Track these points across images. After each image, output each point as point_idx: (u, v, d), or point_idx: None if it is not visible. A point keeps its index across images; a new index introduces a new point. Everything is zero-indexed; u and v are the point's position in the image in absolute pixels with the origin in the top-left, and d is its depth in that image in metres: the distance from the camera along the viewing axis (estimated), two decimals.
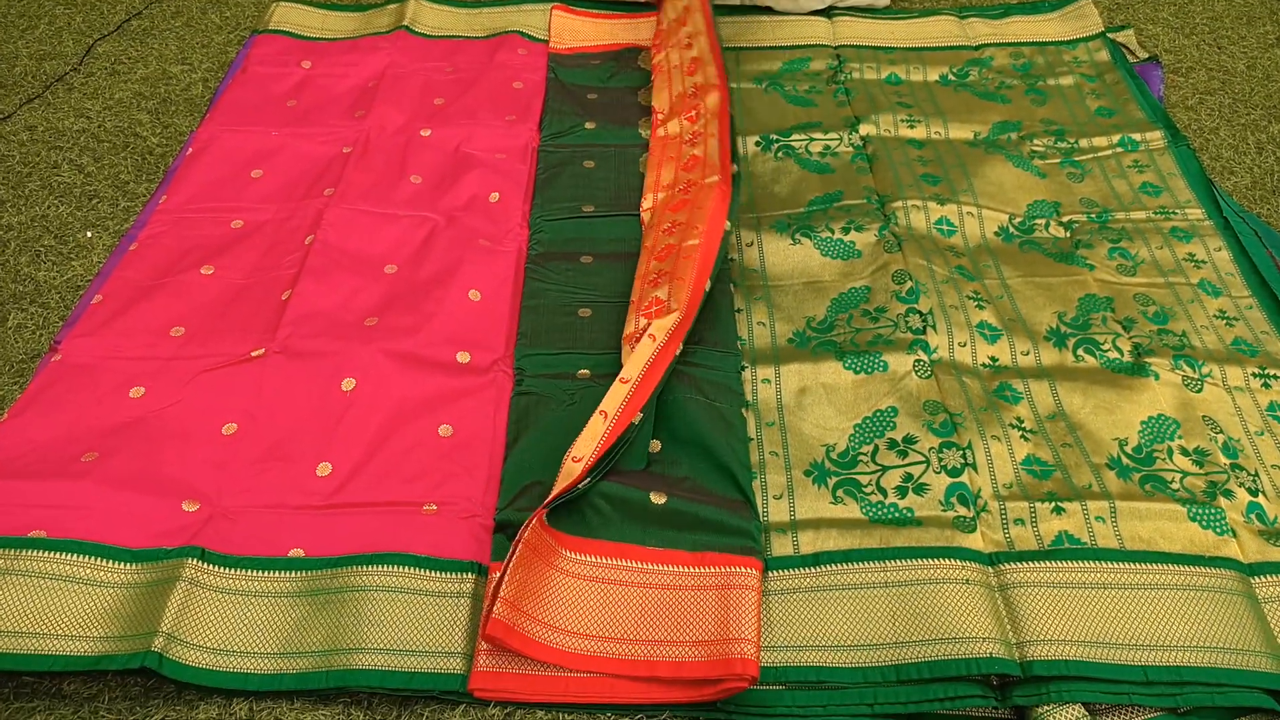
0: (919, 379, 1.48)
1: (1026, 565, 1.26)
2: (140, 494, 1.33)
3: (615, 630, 1.19)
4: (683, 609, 1.21)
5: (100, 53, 2.26)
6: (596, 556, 1.26)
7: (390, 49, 2.19)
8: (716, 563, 1.25)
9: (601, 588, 1.23)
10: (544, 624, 1.17)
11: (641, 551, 1.27)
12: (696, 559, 1.26)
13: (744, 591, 1.21)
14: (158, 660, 1.15)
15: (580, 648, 1.17)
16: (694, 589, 1.23)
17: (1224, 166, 1.95)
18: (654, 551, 1.27)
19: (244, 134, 1.96)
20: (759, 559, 1.26)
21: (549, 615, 1.18)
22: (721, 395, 1.46)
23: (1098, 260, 1.70)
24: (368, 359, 1.51)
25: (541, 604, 1.18)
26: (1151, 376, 1.49)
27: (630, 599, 1.22)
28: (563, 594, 1.21)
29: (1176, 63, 2.23)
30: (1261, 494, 1.35)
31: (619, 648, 1.18)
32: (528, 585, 1.18)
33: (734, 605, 1.20)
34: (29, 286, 1.69)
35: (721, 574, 1.24)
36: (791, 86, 2.13)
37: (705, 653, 1.16)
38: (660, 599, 1.22)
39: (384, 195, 1.82)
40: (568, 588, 1.22)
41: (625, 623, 1.20)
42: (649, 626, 1.20)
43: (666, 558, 1.26)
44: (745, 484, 1.34)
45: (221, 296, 1.63)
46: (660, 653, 1.17)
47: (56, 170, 1.93)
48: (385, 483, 1.37)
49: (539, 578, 1.20)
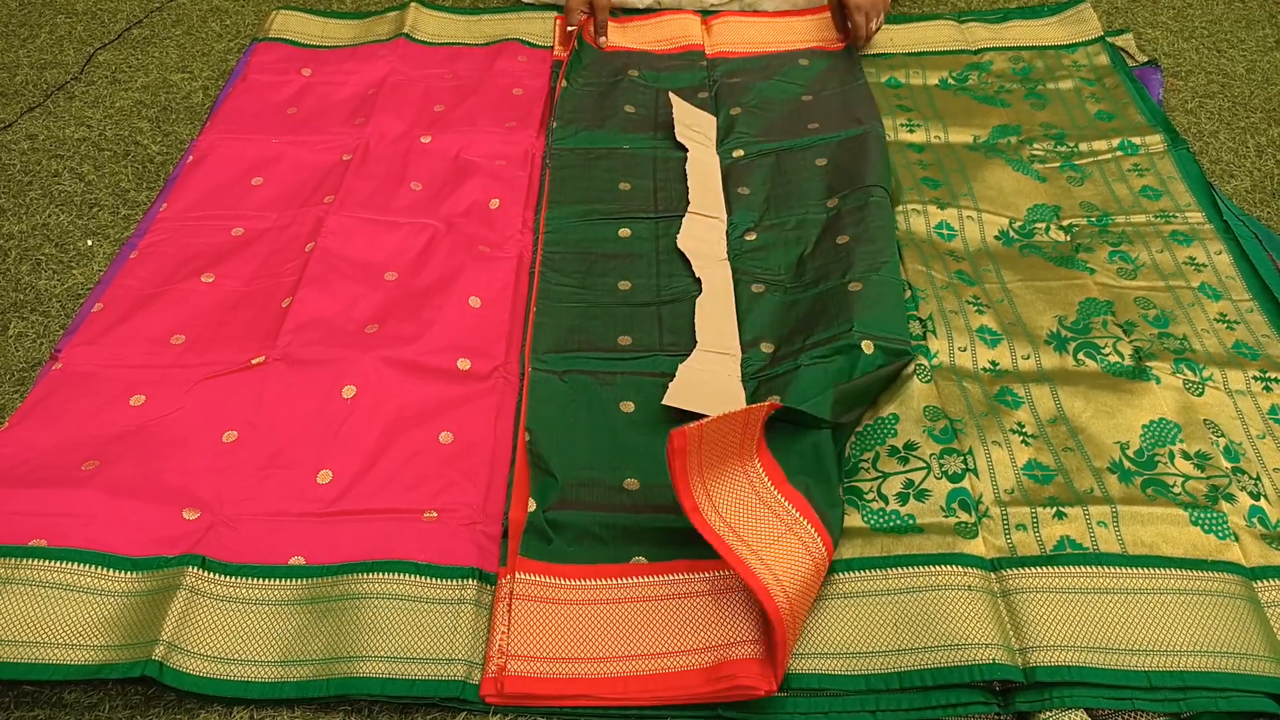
0: (920, 383, 1.48)
1: (1029, 570, 1.26)
2: (141, 502, 1.33)
3: (622, 649, 1.18)
4: (680, 618, 1.20)
5: (101, 61, 2.26)
6: (588, 580, 1.25)
7: (390, 56, 2.19)
8: (709, 568, 1.25)
9: (597, 608, 1.22)
10: (551, 659, 1.17)
11: (631, 568, 1.27)
12: (690, 566, 1.25)
13: (737, 593, 1.21)
14: (158, 669, 1.15)
15: (591, 672, 1.16)
16: (688, 596, 1.23)
17: (1224, 170, 1.95)
18: (643, 566, 1.27)
19: (244, 142, 1.96)
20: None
21: (555, 649, 1.18)
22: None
23: (1098, 264, 1.70)
24: (368, 366, 1.51)
25: (545, 642, 1.18)
26: (1152, 380, 1.48)
27: (628, 614, 1.22)
28: (564, 624, 1.20)
29: (1176, 66, 2.24)
30: (1263, 498, 1.35)
31: (628, 666, 1.17)
32: (527, 631, 1.19)
33: (728, 608, 1.19)
34: (29, 295, 1.69)
35: (714, 578, 1.24)
36: None
37: (708, 659, 1.15)
38: (658, 610, 1.22)
39: (384, 202, 1.82)
40: (567, 616, 1.21)
41: (629, 640, 1.19)
42: (651, 640, 1.19)
43: (659, 569, 1.26)
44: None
45: (222, 304, 1.63)
46: (665, 664, 1.16)
47: (57, 179, 1.93)
48: (386, 490, 1.37)
49: (537, 619, 1.20)
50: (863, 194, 1.76)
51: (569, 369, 1.53)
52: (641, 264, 1.73)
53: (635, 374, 1.53)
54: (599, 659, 1.17)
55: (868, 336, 1.47)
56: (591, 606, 1.22)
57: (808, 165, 1.89)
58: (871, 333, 1.48)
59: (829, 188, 1.83)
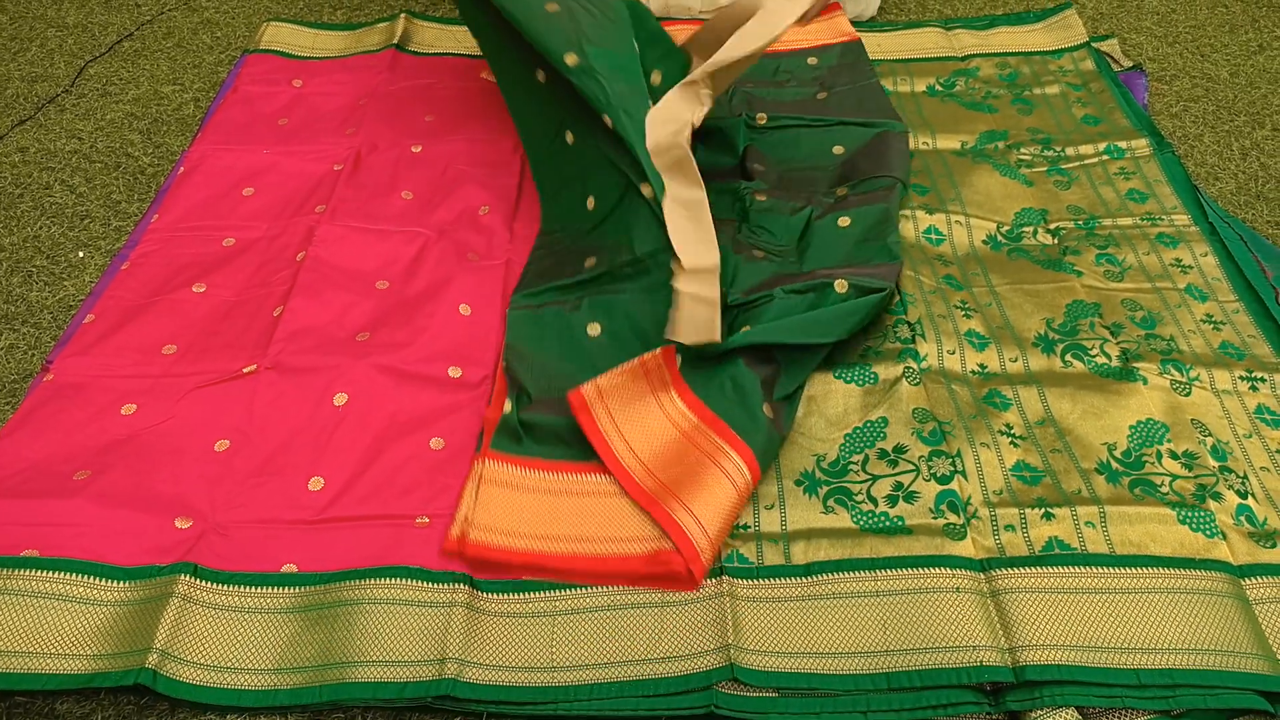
0: (909, 386, 1.49)
1: (1017, 571, 1.26)
2: (133, 511, 1.33)
3: (574, 532, 1.31)
4: (627, 512, 1.33)
5: (92, 74, 2.27)
6: (549, 473, 1.38)
7: (381, 67, 2.20)
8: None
9: (555, 498, 1.35)
10: (509, 533, 1.31)
11: (588, 466, 1.38)
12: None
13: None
14: (151, 677, 1.15)
15: (543, 547, 1.29)
16: (619, 493, 1.35)
17: (1209, 172, 1.96)
18: (599, 466, 1.37)
19: (235, 152, 1.97)
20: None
21: (514, 526, 1.31)
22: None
23: (1085, 266, 1.71)
24: (359, 374, 1.51)
25: (505, 518, 1.32)
26: (1140, 381, 1.49)
27: (582, 506, 1.34)
28: (524, 507, 1.33)
29: (1160, 71, 2.26)
30: (1251, 496, 1.36)
31: (577, 546, 1.29)
32: (491, 508, 1.32)
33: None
34: (21, 307, 1.70)
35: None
36: None
37: (648, 547, 1.28)
38: (609, 504, 1.34)
39: (375, 211, 1.83)
40: (528, 501, 1.34)
41: (580, 525, 1.31)
42: (600, 527, 1.31)
43: (594, 467, 1.38)
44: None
45: (213, 314, 1.63)
46: (610, 549, 1.29)
47: (48, 191, 1.94)
48: (378, 496, 1.37)
49: (501, 499, 1.34)
50: (873, 182, 1.79)
51: (543, 303, 1.61)
52: (603, 174, 1.69)
53: (600, 294, 1.60)
54: (552, 537, 1.30)
55: (843, 278, 1.53)
56: (550, 496, 1.35)
57: (825, 151, 1.91)
58: (850, 277, 1.54)
59: (842, 176, 1.85)
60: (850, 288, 1.52)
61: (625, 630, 1.23)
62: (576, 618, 1.24)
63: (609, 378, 1.38)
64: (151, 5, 2.51)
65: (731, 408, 1.39)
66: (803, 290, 1.53)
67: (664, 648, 1.21)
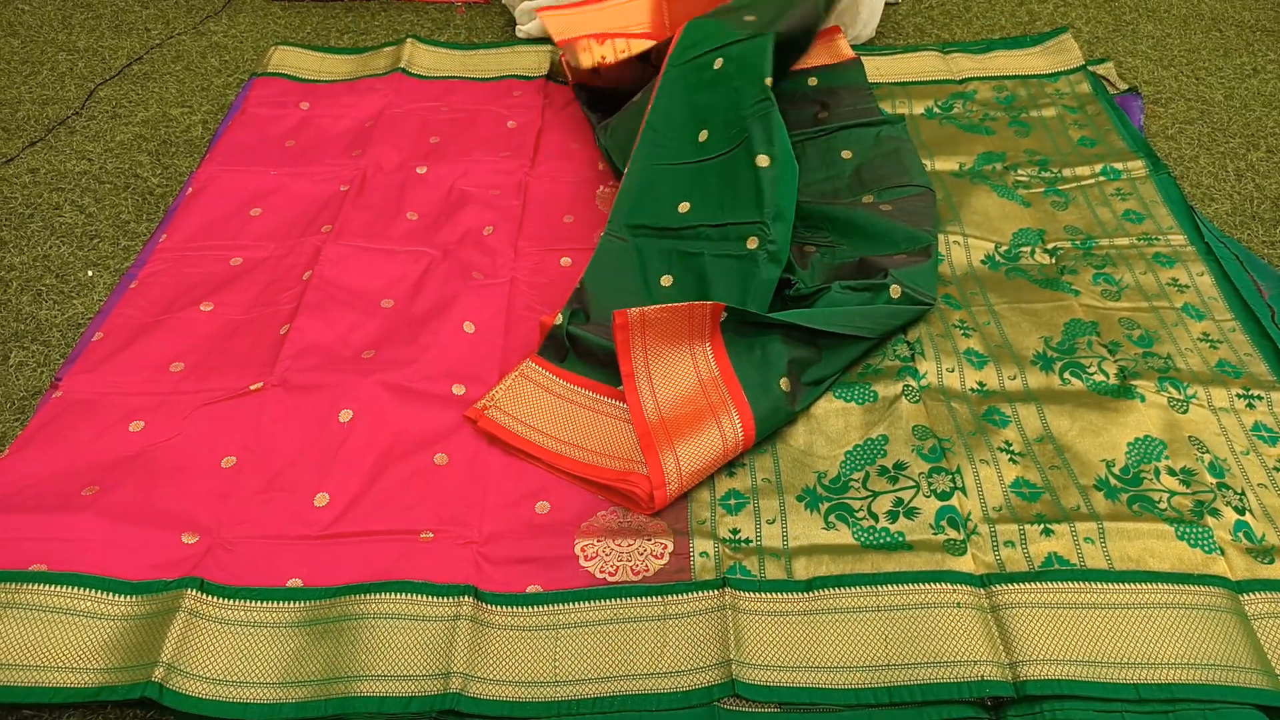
0: (909, 403, 1.50)
1: (1017, 586, 1.27)
2: (140, 526, 1.35)
3: (576, 440, 1.48)
4: (624, 433, 1.48)
5: (102, 97, 2.30)
6: (579, 388, 1.56)
7: (387, 90, 2.24)
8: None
9: (572, 407, 1.53)
10: (523, 423, 1.50)
11: (612, 391, 1.54)
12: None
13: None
14: (158, 690, 1.16)
15: (544, 443, 1.48)
16: (625, 419, 1.50)
17: (1204, 194, 1.99)
18: (619, 392, 1.53)
19: (243, 174, 1.99)
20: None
21: (530, 419, 1.51)
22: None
23: (1083, 286, 1.73)
24: (365, 391, 1.53)
25: (525, 410, 1.52)
26: (1137, 398, 1.51)
27: (593, 419, 1.51)
28: (546, 407, 1.53)
29: (1156, 93, 2.28)
30: (1248, 512, 1.37)
31: (571, 450, 1.47)
32: (518, 398, 1.53)
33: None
34: (30, 325, 1.71)
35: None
36: None
37: (624, 467, 1.42)
38: (611, 424, 1.50)
39: (381, 231, 1.85)
40: (550, 403, 1.53)
41: (583, 435, 1.49)
42: (596, 440, 1.48)
43: (616, 394, 1.53)
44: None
45: (220, 332, 1.65)
46: (596, 460, 1.45)
47: (58, 211, 1.96)
48: (383, 511, 1.39)
49: (529, 395, 1.54)
50: (902, 189, 1.86)
51: (632, 238, 1.75)
52: (728, 114, 1.80)
53: (682, 248, 1.72)
54: (554, 437, 1.49)
55: (899, 284, 1.61)
56: (569, 405, 1.54)
57: (835, 159, 1.97)
58: (904, 283, 1.62)
59: (860, 182, 1.90)
60: (903, 294, 1.61)
61: (627, 644, 1.24)
62: (579, 631, 1.25)
63: (657, 310, 1.50)
64: (161, 29, 2.55)
65: (751, 373, 1.50)
66: (858, 289, 1.62)
67: (666, 662, 1.22)
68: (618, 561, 1.33)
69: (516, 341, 1.65)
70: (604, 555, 1.34)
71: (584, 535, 1.36)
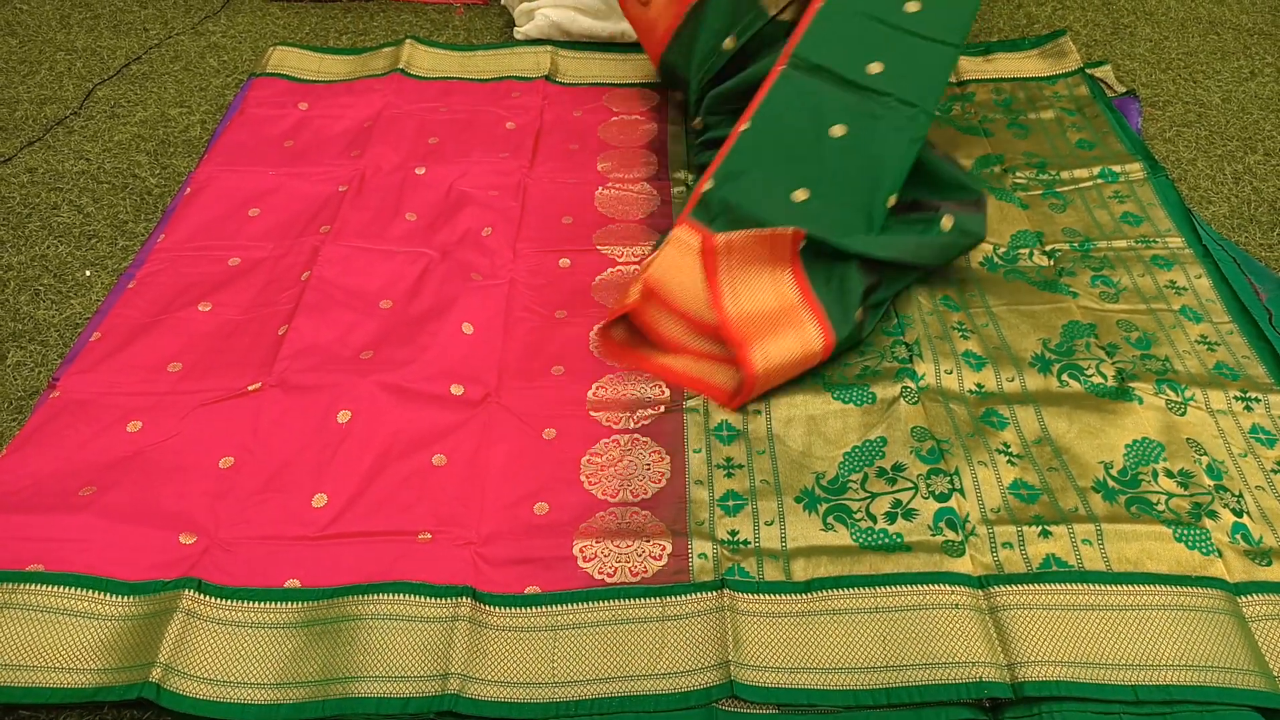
0: (907, 405, 1.50)
1: (1015, 588, 1.27)
2: (138, 527, 1.35)
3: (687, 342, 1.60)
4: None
5: (100, 97, 2.30)
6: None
7: (385, 90, 2.23)
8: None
9: (700, 277, 1.59)
10: (660, 306, 1.60)
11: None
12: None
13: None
14: (155, 691, 1.16)
15: (653, 349, 1.61)
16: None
17: (1202, 196, 1.99)
18: None
19: (241, 174, 1.99)
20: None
21: (672, 297, 1.59)
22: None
23: (1081, 288, 1.73)
24: (363, 392, 1.53)
25: (669, 283, 1.59)
26: (1135, 400, 1.51)
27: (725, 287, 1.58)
28: (685, 274, 1.59)
29: (1154, 96, 2.29)
30: (1246, 514, 1.37)
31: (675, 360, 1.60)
32: (666, 267, 1.60)
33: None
34: (28, 325, 1.71)
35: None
36: None
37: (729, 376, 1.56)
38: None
39: (380, 232, 1.85)
40: (691, 267, 1.60)
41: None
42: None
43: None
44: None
45: (218, 332, 1.65)
46: (699, 368, 1.59)
47: (56, 211, 1.96)
48: (380, 512, 1.38)
49: (675, 262, 1.61)
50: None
51: (815, 75, 1.76)
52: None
53: (859, 101, 1.74)
54: (670, 341, 1.61)
55: (951, 215, 1.68)
56: (698, 273, 1.59)
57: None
58: (955, 215, 1.68)
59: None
60: (954, 226, 1.67)
61: (626, 645, 1.24)
62: (578, 632, 1.25)
63: (742, 236, 1.58)
64: (159, 29, 2.55)
65: (832, 301, 1.58)
66: (914, 221, 1.70)
67: (664, 663, 1.22)
68: (616, 562, 1.33)
69: (515, 342, 1.65)
70: (602, 556, 1.34)
71: (582, 536, 1.36)
